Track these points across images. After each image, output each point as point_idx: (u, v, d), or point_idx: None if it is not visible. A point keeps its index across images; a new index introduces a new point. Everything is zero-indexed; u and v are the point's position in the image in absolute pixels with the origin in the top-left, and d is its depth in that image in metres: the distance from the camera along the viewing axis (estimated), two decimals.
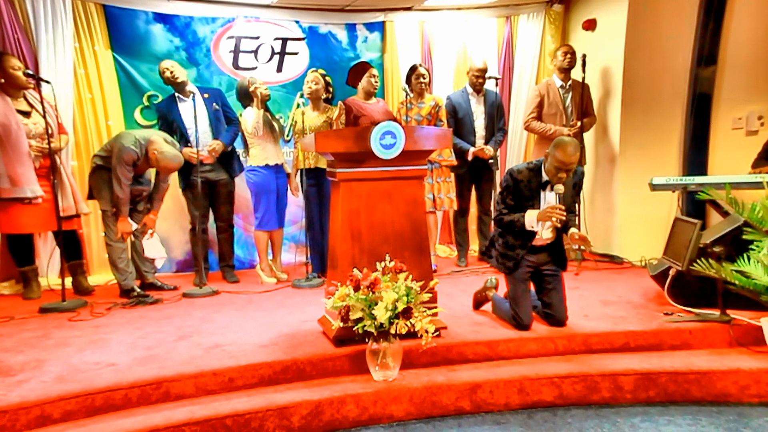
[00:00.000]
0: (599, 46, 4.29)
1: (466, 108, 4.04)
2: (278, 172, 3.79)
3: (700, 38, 3.89)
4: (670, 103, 4.04)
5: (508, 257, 2.57)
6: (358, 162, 2.40)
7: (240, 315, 2.97)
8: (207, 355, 2.31)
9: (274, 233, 3.85)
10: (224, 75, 4.29)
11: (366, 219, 2.40)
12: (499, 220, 2.57)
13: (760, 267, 2.33)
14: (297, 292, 3.48)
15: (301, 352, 2.28)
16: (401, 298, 2.09)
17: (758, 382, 2.17)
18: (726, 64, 3.94)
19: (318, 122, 3.76)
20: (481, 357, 2.35)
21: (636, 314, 2.69)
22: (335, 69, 4.37)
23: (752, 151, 3.52)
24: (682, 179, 3.34)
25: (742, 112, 3.94)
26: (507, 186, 2.54)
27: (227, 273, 3.93)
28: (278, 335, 2.54)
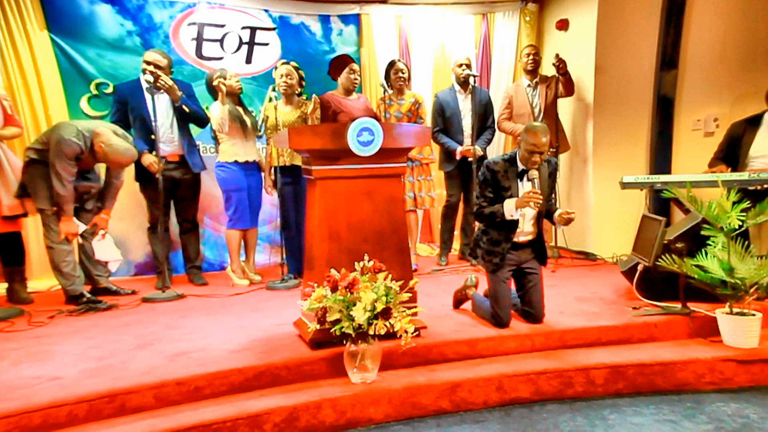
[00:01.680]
0: (572, 46, 4.44)
1: (454, 106, 4.08)
2: (250, 169, 3.71)
3: (663, 42, 4.10)
4: (638, 105, 4.24)
5: (494, 253, 2.62)
6: (335, 159, 2.38)
7: (209, 320, 2.89)
8: (171, 363, 2.22)
9: (247, 233, 3.78)
10: (187, 65, 4.16)
11: (344, 218, 2.40)
12: (479, 213, 2.62)
13: (715, 261, 2.51)
14: (272, 295, 3.44)
15: (275, 357, 2.24)
16: (380, 298, 2.10)
17: (713, 370, 2.34)
18: (686, 69, 4.17)
19: (292, 117, 3.71)
20: (462, 356, 2.40)
21: (608, 310, 2.81)
22: (310, 63, 4.32)
23: (710, 152, 3.74)
24: (649, 178, 3.52)
25: (701, 115, 4.19)
26: (485, 179, 2.61)
27: (194, 275, 3.82)
28: (251, 340, 2.49)
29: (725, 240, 2.52)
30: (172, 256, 3.96)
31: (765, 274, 2.40)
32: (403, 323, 2.10)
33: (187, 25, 4.16)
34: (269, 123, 3.68)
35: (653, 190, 3.51)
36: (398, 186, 2.54)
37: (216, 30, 4.23)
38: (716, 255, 2.54)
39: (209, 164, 3.92)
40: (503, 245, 2.62)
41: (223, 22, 4.24)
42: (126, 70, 3.96)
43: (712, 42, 4.14)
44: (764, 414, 2.11)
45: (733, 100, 4.09)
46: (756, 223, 2.54)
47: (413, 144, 2.54)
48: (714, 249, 2.57)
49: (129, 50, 4.01)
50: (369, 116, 2.69)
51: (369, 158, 2.42)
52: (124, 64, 3.99)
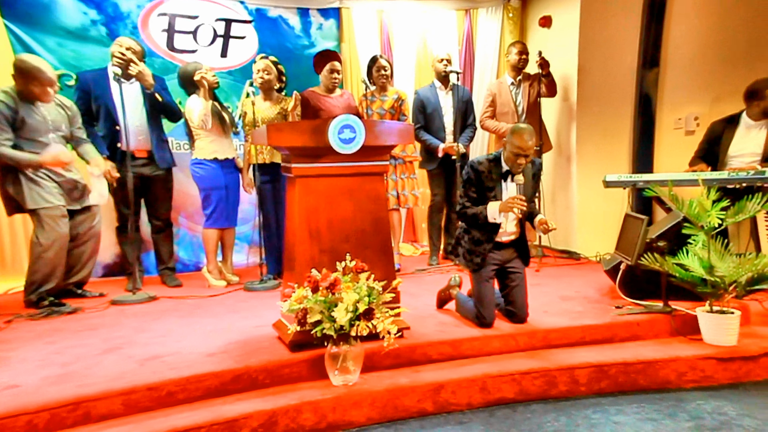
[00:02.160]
0: (556, 43, 4.48)
1: (435, 103, 4.06)
2: (228, 166, 3.64)
3: (644, 41, 4.16)
4: (620, 103, 4.29)
5: (475, 253, 2.62)
6: (315, 157, 2.35)
7: (184, 322, 2.83)
8: (141, 368, 2.16)
9: (225, 232, 3.71)
10: (157, 57, 4.05)
11: (325, 217, 2.37)
12: (462, 213, 2.62)
13: (696, 260, 2.56)
14: (250, 296, 3.39)
15: (254, 360, 2.20)
16: (363, 298, 2.08)
17: (694, 368, 2.39)
18: (667, 67, 4.24)
19: (271, 113, 3.65)
20: (445, 357, 2.39)
21: (592, 309, 2.84)
22: (289, 57, 4.26)
23: (691, 150, 3.79)
24: (631, 177, 3.57)
25: (682, 113, 4.27)
26: (468, 178, 2.60)
27: (167, 277, 3.74)
28: (228, 342, 2.45)
29: (705, 238, 2.56)
30: (143, 257, 3.87)
31: (743, 272, 2.45)
32: (386, 324, 2.08)
33: (157, 16, 4.05)
34: (247, 119, 3.62)
35: (636, 188, 3.57)
36: (381, 184, 2.52)
37: (188, 21, 4.13)
38: (697, 253, 2.59)
39: (181, 162, 3.83)
40: (485, 245, 2.62)
41: (195, 14, 4.15)
42: (91, 61, 3.82)
43: (693, 40, 4.21)
44: (742, 411, 2.15)
45: (713, 99, 4.17)
46: (735, 221, 2.59)
47: (396, 141, 2.52)
48: (695, 247, 2.62)
49: (93, 40, 3.87)
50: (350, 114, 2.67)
51: (351, 156, 2.39)
52: (88, 55, 3.84)
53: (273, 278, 3.63)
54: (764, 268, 2.45)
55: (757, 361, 2.43)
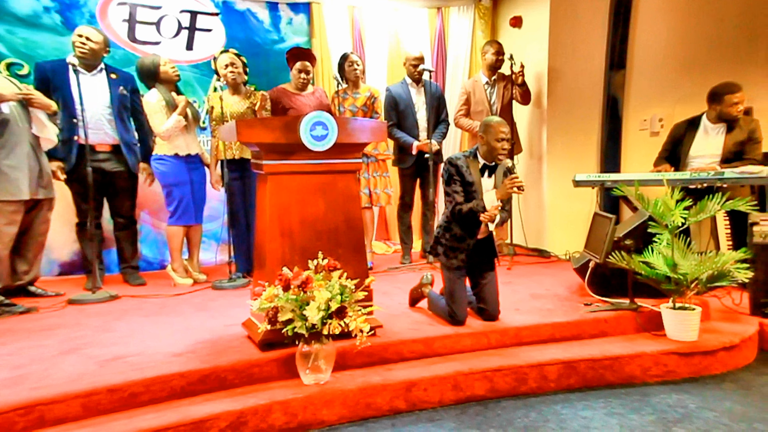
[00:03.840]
0: (526, 44, 4.59)
1: (407, 100, 4.10)
2: (192, 162, 3.61)
3: (611, 43, 4.31)
4: (589, 104, 4.44)
5: (459, 250, 2.67)
6: (287, 154, 2.37)
7: (149, 321, 2.80)
8: (102, 369, 2.13)
9: (191, 229, 3.68)
10: (119, 48, 3.98)
11: (297, 215, 2.39)
12: (457, 211, 2.61)
13: (660, 258, 2.67)
14: (219, 294, 3.38)
15: (223, 359, 2.20)
16: (335, 297, 2.10)
17: (657, 363, 2.51)
18: (633, 69, 4.40)
19: (240, 108, 3.63)
20: (418, 355, 2.44)
21: (561, 306, 2.95)
22: (258, 52, 4.24)
23: (656, 151, 3.93)
24: (600, 176, 3.69)
25: (647, 114, 4.44)
26: (450, 175, 2.63)
27: (130, 275, 3.68)
28: (196, 342, 2.44)
29: (669, 237, 2.68)
30: (104, 255, 3.79)
31: (704, 270, 2.58)
32: (359, 322, 2.11)
33: (117, 5, 3.97)
34: (215, 114, 3.60)
35: (604, 188, 3.71)
36: (353, 182, 2.55)
37: (151, 12, 4.07)
38: (661, 251, 2.71)
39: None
40: (468, 241, 2.67)
41: (158, 4, 4.08)
42: (44, 50, 3.72)
43: (657, 43, 4.39)
44: (702, 404, 2.28)
45: (676, 101, 4.35)
46: (697, 220, 2.71)
47: (369, 139, 2.56)
48: (659, 246, 2.74)
49: (46, 28, 3.77)
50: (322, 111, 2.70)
51: (323, 153, 2.42)
52: (42, 44, 3.74)
53: (242, 276, 3.62)
54: (723, 265, 2.59)
55: (715, 355, 2.57)
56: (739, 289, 3.18)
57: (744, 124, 3.56)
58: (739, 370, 2.62)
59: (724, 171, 3.36)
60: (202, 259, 3.95)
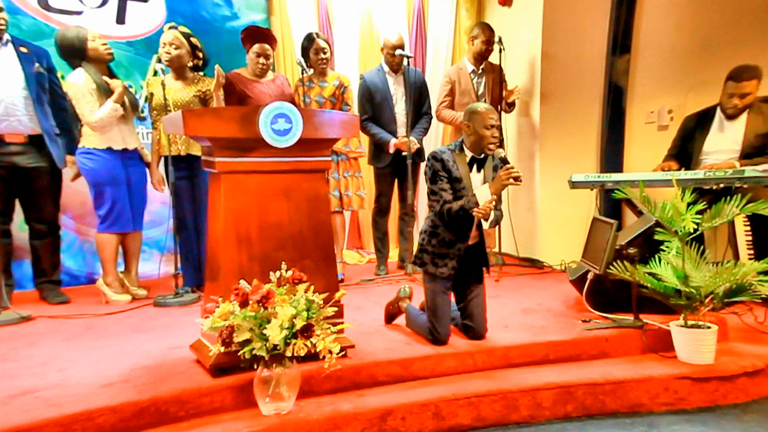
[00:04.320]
0: (517, 26, 4.70)
1: (384, 90, 4.17)
2: (129, 158, 3.62)
3: (614, 24, 4.45)
4: (588, 93, 4.58)
5: (448, 256, 2.74)
6: (244, 150, 2.41)
7: (70, 347, 2.78)
8: (6, 407, 2.06)
9: (127, 237, 3.69)
10: (26, 16, 3.89)
11: (256, 220, 2.44)
12: (446, 211, 2.65)
13: (669, 269, 2.76)
14: (162, 312, 3.40)
15: (164, 389, 2.21)
16: (300, 313, 2.15)
17: (667, 389, 2.58)
18: (639, 54, 4.54)
19: (186, 96, 3.66)
20: (394, 378, 2.51)
21: (556, 323, 3.05)
22: (206, 30, 4.24)
23: (664, 147, 4.09)
24: (600, 176, 3.80)
25: (655, 106, 4.60)
26: (436, 171, 2.69)
27: (50, 292, 3.66)
28: (131, 369, 2.44)
29: (680, 245, 2.76)
30: (13, 267, 3.75)
31: (720, 283, 2.64)
32: (327, 342, 2.16)
33: None
34: (155, 102, 3.62)
35: (604, 189, 3.81)
36: (322, 183, 2.61)
37: None
38: (670, 261, 2.80)
39: None
40: (458, 245, 2.75)
41: None
42: None
43: (667, 24, 4.53)
44: None
45: (689, 90, 4.50)
46: (711, 226, 2.77)
47: (339, 134, 2.62)
48: (668, 255, 2.83)
49: None
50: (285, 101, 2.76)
51: (286, 150, 2.47)
52: None
53: (191, 291, 3.66)
54: (743, 278, 2.61)
55: (734, 381, 2.63)
56: (762, 306, 3.27)
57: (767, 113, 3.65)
58: (765, 400, 2.65)
59: (744, 169, 3.41)
60: (143, 271, 3.96)
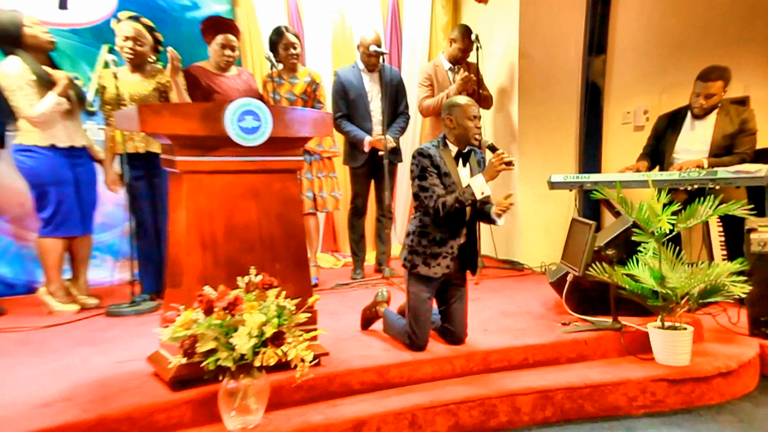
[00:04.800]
0: (494, 23, 4.80)
1: (359, 87, 4.20)
2: (76, 156, 3.56)
3: (590, 24, 4.60)
4: (566, 93, 4.71)
5: (441, 255, 2.76)
6: (209, 149, 2.41)
7: (4, 364, 2.70)
8: None
9: (74, 242, 3.62)
10: None
11: (223, 222, 2.44)
12: (441, 205, 2.68)
13: (646, 270, 2.86)
14: (114, 323, 3.34)
15: (114, 406, 2.17)
16: (270, 320, 2.15)
17: (644, 392, 2.67)
18: (615, 54, 4.70)
19: (144, 90, 3.61)
20: (369, 386, 2.54)
21: (536, 326, 3.13)
22: (163, 20, 4.18)
23: (641, 147, 4.22)
24: (578, 177, 3.92)
25: (631, 106, 4.77)
26: (424, 168, 2.72)
27: None
28: (76, 386, 2.38)
29: (656, 246, 2.87)
30: None
31: (695, 283, 2.76)
32: (299, 350, 2.16)
33: None
34: (107, 96, 3.55)
35: (583, 190, 3.92)
36: (293, 184, 2.63)
37: None
38: (647, 263, 2.91)
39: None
40: (451, 243, 2.78)
41: None
42: None
43: (641, 23, 4.70)
44: None
45: (663, 90, 4.68)
46: (686, 226, 2.89)
47: (311, 133, 2.64)
48: (645, 256, 2.94)
49: None
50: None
51: (255, 149, 2.48)
52: None
53: (150, 299, 3.61)
54: (717, 278, 2.75)
55: (710, 382, 2.75)
56: (735, 306, 3.41)
57: (735, 114, 3.85)
58: (738, 400, 2.76)
59: (717, 170, 3.57)
60: (93, 278, 3.90)
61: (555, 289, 3.44)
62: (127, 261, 3.72)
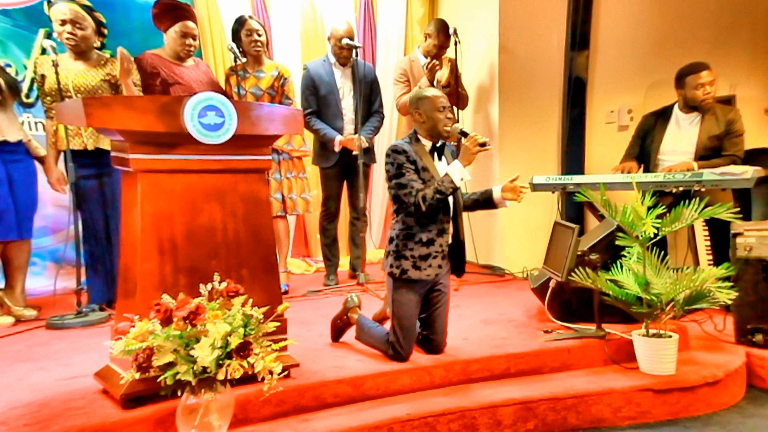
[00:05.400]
0: (473, 15, 4.87)
1: (330, 82, 4.20)
2: (9, 153, 3.49)
3: (573, 17, 4.69)
4: (548, 90, 4.79)
5: (431, 256, 2.77)
6: (167, 146, 2.39)
7: None
8: None
9: (9, 247, 3.56)
10: None
11: (183, 225, 2.42)
12: (422, 198, 2.68)
13: (630, 275, 2.93)
14: (57, 336, 3.27)
15: (57, 428, 2.11)
16: (236, 330, 2.13)
17: (629, 402, 2.72)
18: (598, 49, 4.81)
19: (92, 81, 3.55)
20: (344, 399, 2.54)
21: (518, 334, 3.18)
22: (111, 5, 4.08)
23: (624, 147, 4.30)
24: (561, 178, 3.98)
25: (615, 105, 4.88)
26: (400, 164, 2.73)
27: None
28: (12, 407, 2.31)
29: (641, 250, 2.93)
30: None
31: (681, 289, 2.81)
32: (267, 361, 2.14)
33: None
34: (47, 86, 3.47)
35: (566, 192, 3.97)
36: (261, 185, 2.62)
37: None
38: (632, 268, 2.97)
39: None
40: (439, 242, 2.80)
41: None
42: None
43: (626, 17, 4.80)
44: None
45: (649, 87, 4.80)
46: (671, 230, 2.95)
47: (280, 131, 2.64)
48: (629, 261, 3.00)
49: None
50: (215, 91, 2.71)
51: (219, 147, 2.46)
52: None
53: (99, 309, 3.56)
54: (702, 284, 2.81)
55: (696, 392, 2.80)
56: (722, 312, 3.49)
57: (721, 114, 3.96)
58: (725, 411, 2.81)
59: (703, 172, 3.63)
60: (32, 287, 3.83)
61: (537, 296, 3.50)
62: (72, 268, 3.65)
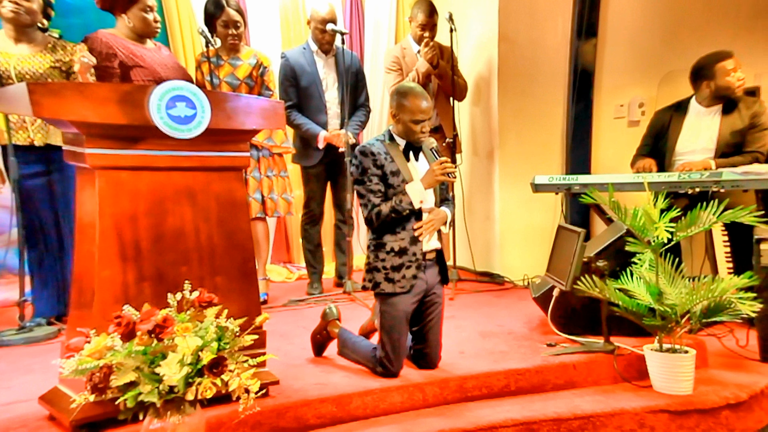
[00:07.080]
0: (470, 1, 4.90)
1: (312, 72, 4.21)
2: None
3: (579, 2, 4.72)
4: (551, 82, 4.84)
5: (404, 266, 2.79)
6: (130, 140, 2.37)
7: None
8: None
9: None
10: None
11: (149, 229, 2.42)
12: (376, 214, 2.74)
13: (641, 284, 2.95)
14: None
15: None
16: (209, 344, 2.13)
17: (642, 426, 2.73)
18: (607, 39, 4.85)
19: (39, 67, 3.53)
20: (328, 420, 2.55)
21: (518, 347, 3.21)
22: None
23: (635, 145, 4.35)
24: (566, 178, 4.01)
25: (624, 98, 4.93)
26: (364, 169, 2.77)
27: None
28: None
29: (653, 257, 2.96)
30: None
31: (698, 300, 2.82)
32: (243, 379, 2.14)
33: None
34: None
35: (570, 193, 4.01)
36: (238, 184, 2.64)
37: None
38: (643, 276, 3.00)
39: None
40: (413, 250, 2.82)
41: None
42: None
43: (638, 5, 4.83)
44: None
45: (662, 80, 4.84)
46: (687, 235, 2.96)
47: (259, 125, 2.65)
48: (640, 268, 3.02)
49: None
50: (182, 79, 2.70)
51: (190, 142, 2.47)
52: None
53: (47, 323, 3.53)
54: (722, 295, 2.78)
55: (717, 415, 2.80)
56: (744, 326, 3.48)
57: (744, 108, 3.98)
58: None
59: (722, 171, 3.64)
60: None
61: (539, 306, 3.53)
62: (15, 277, 3.62)
